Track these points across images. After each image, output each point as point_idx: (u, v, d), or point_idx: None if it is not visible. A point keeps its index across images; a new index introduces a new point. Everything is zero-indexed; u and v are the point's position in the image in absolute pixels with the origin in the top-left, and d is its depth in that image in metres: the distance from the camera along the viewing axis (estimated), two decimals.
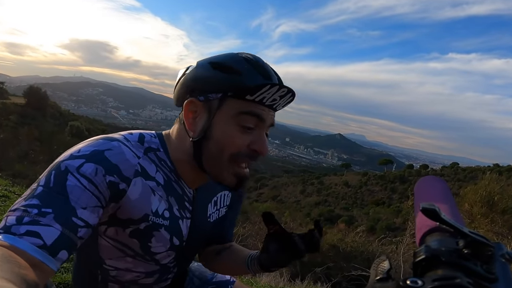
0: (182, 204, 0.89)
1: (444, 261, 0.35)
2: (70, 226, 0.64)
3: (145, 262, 0.87)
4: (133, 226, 0.80)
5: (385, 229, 18.44)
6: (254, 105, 0.79)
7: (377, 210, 43.35)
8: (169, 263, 0.93)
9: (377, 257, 0.50)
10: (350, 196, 61.63)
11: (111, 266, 0.87)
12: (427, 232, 0.42)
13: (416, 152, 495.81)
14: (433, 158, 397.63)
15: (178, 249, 0.92)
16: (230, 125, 0.79)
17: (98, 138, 0.78)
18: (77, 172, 0.68)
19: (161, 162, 0.85)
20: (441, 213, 0.37)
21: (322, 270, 5.66)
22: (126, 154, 0.77)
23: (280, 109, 0.85)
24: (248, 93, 0.76)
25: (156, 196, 0.82)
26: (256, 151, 0.81)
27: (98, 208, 0.71)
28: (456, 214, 0.46)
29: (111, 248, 0.83)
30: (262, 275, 4.41)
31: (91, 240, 0.83)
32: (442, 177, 4.20)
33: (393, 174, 66.37)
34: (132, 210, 0.78)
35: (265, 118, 0.81)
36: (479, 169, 56.56)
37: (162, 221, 0.83)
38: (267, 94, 0.77)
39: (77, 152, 0.72)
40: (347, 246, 6.28)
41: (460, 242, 0.37)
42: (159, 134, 0.90)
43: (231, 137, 0.79)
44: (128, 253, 0.84)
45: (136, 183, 0.78)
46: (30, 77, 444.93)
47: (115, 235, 0.81)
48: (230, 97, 0.78)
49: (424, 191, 0.52)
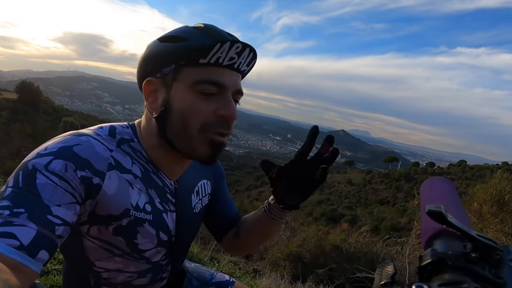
0: (164, 196, 0.89)
1: (451, 265, 0.35)
2: (46, 224, 0.63)
3: (135, 261, 0.87)
4: (115, 223, 0.79)
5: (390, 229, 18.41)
6: (211, 70, 0.79)
7: (381, 209, 43.35)
8: (161, 261, 0.93)
9: (381, 260, 0.51)
10: (354, 194, 61.57)
11: (101, 267, 0.86)
12: (433, 235, 0.42)
13: (422, 149, 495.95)
14: (439, 155, 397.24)
15: (168, 245, 0.92)
16: (189, 94, 0.79)
17: (65, 134, 0.78)
18: (46, 169, 0.68)
19: (137, 153, 0.85)
20: (447, 216, 0.37)
21: (324, 271, 5.67)
22: (97, 147, 0.77)
23: (246, 69, 0.86)
24: (200, 56, 0.77)
25: (135, 189, 0.82)
26: (223, 115, 0.80)
27: (74, 205, 0.70)
28: (463, 217, 0.46)
29: (98, 248, 0.83)
30: (262, 278, 4.43)
31: (76, 243, 0.82)
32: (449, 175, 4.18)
33: (398, 172, 66.27)
34: (111, 205, 0.78)
35: (225, 82, 0.80)
36: (487, 167, 56.41)
37: (144, 216, 0.83)
38: (221, 53, 0.77)
39: (43, 150, 0.71)
40: (350, 247, 6.27)
41: (468, 245, 0.37)
42: (131, 124, 0.91)
43: (193, 106, 0.79)
44: (115, 253, 0.84)
45: (111, 176, 0.78)
46: (22, 72, 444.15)
47: (99, 235, 0.81)
48: (184, 66, 0.79)
49: (430, 192, 0.52)
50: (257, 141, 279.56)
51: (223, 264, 4.48)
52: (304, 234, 6.96)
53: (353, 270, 5.52)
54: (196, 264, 1.27)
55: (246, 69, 0.86)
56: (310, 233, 6.83)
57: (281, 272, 5.73)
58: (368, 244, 6.52)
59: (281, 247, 6.62)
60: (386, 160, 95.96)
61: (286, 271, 5.92)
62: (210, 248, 5.20)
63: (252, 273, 5.02)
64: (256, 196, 50.67)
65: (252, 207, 14.04)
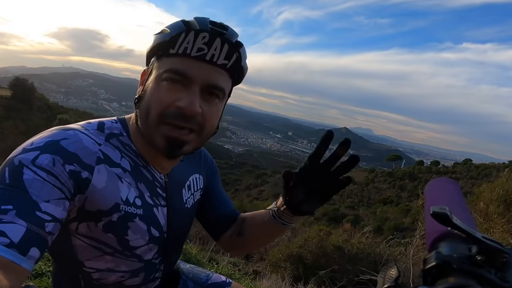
0: (154, 190, 0.90)
1: (456, 269, 0.35)
2: (36, 221, 0.63)
3: (126, 259, 0.87)
4: (105, 219, 0.80)
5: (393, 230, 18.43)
6: (179, 60, 0.79)
7: (384, 209, 43.33)
8: (154, 259, 0.93)
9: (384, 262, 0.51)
10: (356, 194, 61.60)
11: (92, 268, 0.85)
12: (438, 238, 0.42)
13: (427, 147, 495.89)
14: (444, 154, 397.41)
15: (160, 242, 0.92)
16: (157, 83, 0.81)
17: (52, 129, 0.78)
18: (33, 164, 0.68)
19: (126, 147, 0.86)
20: (452, 217, 0.37)
21: (326, 273, 5.67)
22: (85, 141, 0.77)
23: (227, 63, 0.82)
24: (169, 46, 0.79)
25: (124, 183, 0.82)
26: (179, 107, 0.79)
27: (63, 201, 0.70)
28: (469, 218, 0.46)
29: (87, 247, 0.82)
30: (262, 279, 4.43)
31: (64, 242, 0.82)
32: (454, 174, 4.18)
33: (402, 171, 66.27)
34: (100, 200, 0.78)
35: (189, 72, 0.79)
36: (493, 166, 56.40)
37: (135, 210, 0.84)
38: (187, 43, 0.77)
39: (30, 145, 0.72)
40: (352, 248, 6.27)
41: (473, 248, 0.37)
42: (121, 119, 0.92)
43: (156, 95, 0.81)
44: (106, 251, 0.83)
45: (100, 170, 0.78)
46: (16, 68, 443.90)
47: (88, 232, 0.81)
48: (161, 57, 0.82)
49: (434, 193, 0.52)
50: (257, 139, 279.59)
51: (222, 265, 4.48)
52: (305, 235, 6.95)
53: (355, 272, 5.52)
54: (192, 265, 1.28)
55: (226, 63, 0.82)
56: (312, 234, 6.83)
57: (282, 273, 5.73)
58: (371, 245, 6.52)
59: (281, 247, 6.62)
60: (390, 158, 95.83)
61: (287, 273, 5.92)
62: (209, 249, 5.20)
63: (252, 274, 5.03)
64: (256, 195, 50.70)
65: (252, 206, 14.05)
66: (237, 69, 0.86)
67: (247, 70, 0.90)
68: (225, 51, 0.80)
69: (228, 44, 0.80)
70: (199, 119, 0.82)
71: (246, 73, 0.90)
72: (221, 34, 0.78)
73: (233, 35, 0.81)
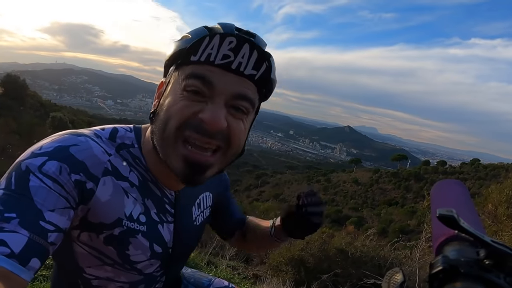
0: (162, 207, 0.89)
1: (463, 273, 0.35)
2: (39, 231, 0.63)
3: (126, 272, 0.86)
4: (107, 232, 0.79)
5: (398, 232, 18.49)
6: (202, 68, 0.73)
7: (389, 210, 43.40)
8: (155, 272, 0.93)
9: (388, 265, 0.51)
10: (360, 195, 61.58)
11: (92, 275, 0.86)
12: (444, 241, 0.42)
13: (433, 147, 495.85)
14: (451, 153, 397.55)
15: (163, 257, 0.91)
16: (177, 93, 0.75)
17: (63, 133, 0.77)
18: (39, 171, 0.67)
19: (135, 160, 0.84)
20: (460, 220, 0.37)
21: (329, 277, 5.67)
22: (95, 149, 0.76)
23: (255, 74, 0.75)
24: (191, 53, 0.73)
25: (130, 198, 0.81)
26: (202, 119, 0.72)
27: (68, 210, 0.70)
28: (477, 221, 0.45)
29: (88, 255, 0.82)
30: (263, 283, 4.44)
31: (66, 247, 0.82)
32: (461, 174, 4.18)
33: (407, 171, 66.27)
34: (103, 213, 0.77)
35: (214, 80, 0.73)
36: (502, 166, 56.39)
37: (138, 227, 0.82)
38: (211, 49, 0.72)
39: (38, 149, 0.71)
40: (356, 251, 6.28)
41: (481, 252, 0.37)
42: (136, 128, 0.89)
43: (176, 104, 0.74)
44: (106, 261, 0.83)
45: (106, 182, 0.77)
46: (7, 64, 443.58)
47: (90, 241, 0.80)
48: (181, 65, 0.76)
49: (441, 195, 0.52)
50: (257, 137, 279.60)
51: (221, 269, 4.49)
52: (307, 237, 6.94)
53: (359, 276, 5.52)
54: (193, 270, 1.28)
55: (255, 74, 0.75)
56: (314, 236, 6.82)
57: (283, 277, 5.74)
58: (375, 248, 6.53)
59: (282, 251, 6.61)
60: (395, 158, 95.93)
61: (288, 277, 5.93)
62: (207, 252, 5.21)
63: (252, 278, 5.04)
64: (256, 196, 50.71)
65: (252, 208, 14.05)
66: (266, 82, 0.78)
67: (276, 84, 0.83)
68: (254, 59, 0.74)
69: (258, 52, 0.73)
70: (225, 135, 0.76)
71: (275, 87, 0.83)
72: (249, 40, 0.72)
73: (262, 43, 0.75)
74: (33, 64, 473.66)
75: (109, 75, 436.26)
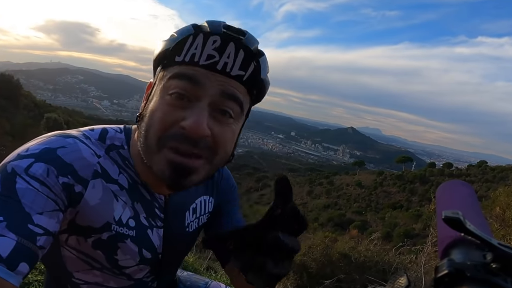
0: (151, 211, 0.88)
1: (469, 277, 0.35)
2: (27, 234, 0.62)
3: (115, 277, 0.86)
4: (95, 236, 0.79)
5: (403, 236, 18.50)
6: (186, 68, 0.72)
7: (394, 214, 43.36)
8: (145, 278, 0.92)
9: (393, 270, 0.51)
10: (364, 198, 61.57)
11: (80, 279, 0.86)
12: (450, 244, 0.42)
13: (439, 148, 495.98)
14: (458, 155, 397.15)
15: (152, 262, 0.91)
16: (161, 97, 0.74)
17: (50, 134, 0.77)
18: (26, 173, 0.67)
19: (125, 162, 0.84)
20: (466, 223, 0.37)
21: (332, 282, 5.67)
22: (83, 152, 0.76)
23: (243, 75, 0.73)
24: (176, 53, 0.72)
25: (119, 202, 0.81)
26: (183, 127, 0.70)
27: (57, 213, 0.69)
28: (483, 223, 0.46)
29: (76, 259, 0.82)
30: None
31: (54, 251, 0.82)
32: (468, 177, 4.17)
33: (412, 174, 66.25)
34: (91, 217, 0.77)
35: (200, 80, 0.71)
36: (510, 168, 56.37)
37: (127, 231, 0.82)
38: (195, 49, 0.71)
39: (25, 151, 0.70)
40: (360, 256, 6.27)
41: (488, 255, 0.37)
42: (127, 128, 0.89)
43: (158, 110, 0.73)
44: (94, 266, 0.83)
45: (95, 185, 0.77)
46: (1, 64, 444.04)
47: (78, 245, 0.80)
48: (167, 66, 0.75)
49: (447, 197, 0.52)
50: (258, 139, 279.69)
51: (220, 275, 4.48)
52: (309, 242, 6.94)
53: (363, 281, 5.52)
54: (189, 273, 1.28)
55: (243, 75, 0.73)
56: (316, 241, 6.83)
57: (284, 283, 5.73)
58: (380, 253, 6.52)
59: None
60: (399, 160, 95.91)
61: (290, 282, 5.92)
62: (207, 257, 5.20)
63: None
64: (257, 200, 50.70)
65: (252, 212, 14.05)
66: (255, 83, 0.76)
67: (269, 85, 0.81)
68: (241, 59, 0.72)
69: (245, 51, 0.71)
70: (209, 142, 0.74)
71: (267, 88, 0.81)
72: (235, 39, 0.71)
73: (252, 41, 0.73)
74: (27, 64, 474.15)
75: (105, 75, 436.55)
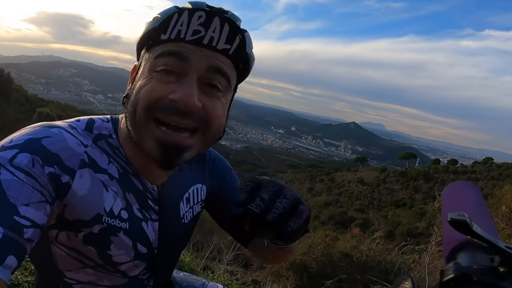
0: (145, 203, 0.88)
1: (476, 281, 0.35)
2: (13, 226, 0.62)
3: (109, 274, 0.86)
4: (86, 230, 0.78)
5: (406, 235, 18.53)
6: (172, 45, 0.75)
7: (397, 212, 43.52)
8: (141, 275, 0.92)
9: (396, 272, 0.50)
10: (366, 195, 61.75)
11: (72, 279, 0.85)
12: (456, 247, 0.42)
13: (444, 144, 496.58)
14: (462, 152, 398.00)
15: (148, 258, 0.90)
16: (147, 73, 0.77)
17: (35, 125, 0.77)
18: (10, 164, 0.66)
19: (115, 151, 0.84)
20: (472, 225, 0.37)
21: (333, 283, 5.69)
22: (69, 141, 0.76)
23: (229, 48, 0.77)
24: (161, 31, 0.75)
25: (110, 192, 0.81)
26: (173, 99, 0.73)
27: (44, 204, 0.69)
28: (490, 226, 0.45)
29: (67, 257, 0.82)
30: (265, 286, 4.45)
31: (44, 249, 0.81)
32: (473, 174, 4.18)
33: (416, 171, 66.41)
34: (80, 209, 0.77)
35: (187, 56, 0.74)
36: None
37: (119, 223, 0.82)
38: (180, 26, 0.74)
39: (9, 142, 0.70)
40: (362, 255, 6.30)
41: (495, 258, 0.37)
42: (114, 118, 0.89)
43: (146, 85, 0.76)
44: (87, 264, 0.83)
45: (83, 175, 0.77)
46: None
47: (68, 242, 0.80)
48: (152, 46, 0.78)
49: (453, 198, 0.52)
50: (257, 134, 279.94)
51: (218, 275, 4.50)
52: (309, 240, 6.96)
53: (365, 281, 5.54)
54: (186, 273, 1.28)
55: (229, 48, 0.77)
56: (317, 239, 6.85)
57: (284, 283, 5.76)
58: (382, 252, 6.54)
59: None
60: (403, 156, 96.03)
61: (290, 282, 5.94)
62: (204, 256, 5.22)
63: (251, 284, 5.05)
64: None
65: None
66: (241, 56, 0.80)
67: (254, 60, 0.85)
68: (226, 33, 0.75)
69: (230, 25, 0.75)
70: (201, 115, 0.77)
71: (253, 63, 0.85)
72: (219, 13, 0.74)
73: (235, 17, 0.76)
74: (18, 57, 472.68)
75: (99, 68, 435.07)
